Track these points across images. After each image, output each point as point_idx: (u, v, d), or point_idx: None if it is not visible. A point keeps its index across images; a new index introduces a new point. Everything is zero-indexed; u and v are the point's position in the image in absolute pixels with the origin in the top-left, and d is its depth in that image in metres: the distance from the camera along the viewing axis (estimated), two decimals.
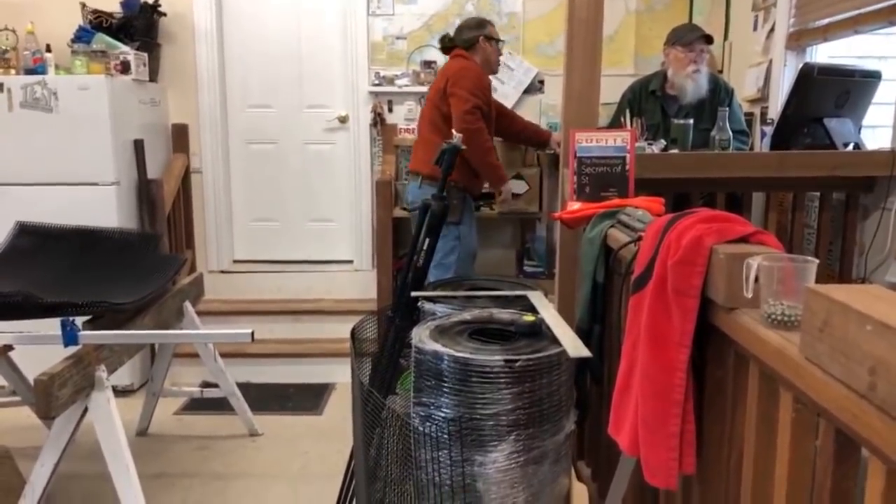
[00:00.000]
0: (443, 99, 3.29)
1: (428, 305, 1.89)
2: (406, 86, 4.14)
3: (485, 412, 1.44)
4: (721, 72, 3.96)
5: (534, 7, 4.10)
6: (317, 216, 4.37)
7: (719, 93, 3.31)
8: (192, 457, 2.98)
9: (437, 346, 1.50)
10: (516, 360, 1.44)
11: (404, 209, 3.79)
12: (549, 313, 1.66)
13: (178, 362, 3.42)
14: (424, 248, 1.99)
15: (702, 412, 1.28)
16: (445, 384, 1.47)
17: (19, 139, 3.42)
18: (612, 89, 3.42)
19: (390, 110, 4.19)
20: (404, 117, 4.18)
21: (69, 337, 2.05)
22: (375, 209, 3.95)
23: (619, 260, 1.75)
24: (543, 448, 1.49)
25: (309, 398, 3.59)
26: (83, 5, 3.88)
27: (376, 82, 4.14)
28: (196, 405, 3.41)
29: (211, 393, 3.12)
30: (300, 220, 4.38)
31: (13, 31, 3.69)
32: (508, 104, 4.00)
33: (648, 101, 3.40)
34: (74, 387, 2.10)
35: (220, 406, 3.32)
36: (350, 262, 4.34)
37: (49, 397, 1.98)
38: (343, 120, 4.25)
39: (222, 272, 4.27)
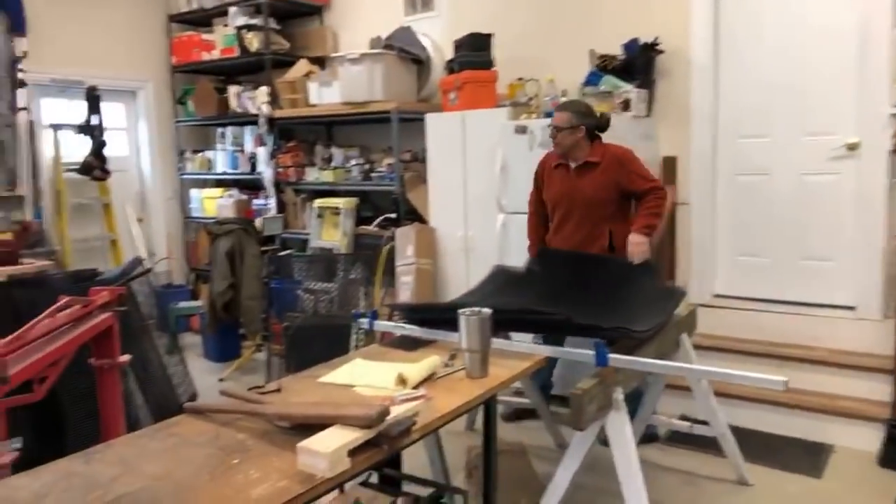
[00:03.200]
0: None
1: None
2: None
3: None
4: None
5: None
6: (811, 254, 3.96)
7: None
8: (681, 492, 2.95)
9: None
10: None
11: None
12: None
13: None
14: None
15: None
16: None
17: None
18: None
19: None
20: None
21: (601, 358, 2.22)
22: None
23: None
24: None
25: (803, 457, 3.24)
26: (592, 51, 4.27)
27: None
28: (678, 438, 3.39)
29: (700, 430, 3.05)
30: (791, 256, 4.02)
31: (536, 81, 4.27)
32: None
33: None
34: (598, 404, 2.26)
35: (705, 444, 3.24)
36: (851, 308, 3.80)
37: (580, 410, 2.17)
38: (852, 147, 3.76)
39: (702, 305, 4.18)
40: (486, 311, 2.11)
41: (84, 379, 2.89)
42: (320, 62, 5.49)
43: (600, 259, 3.13)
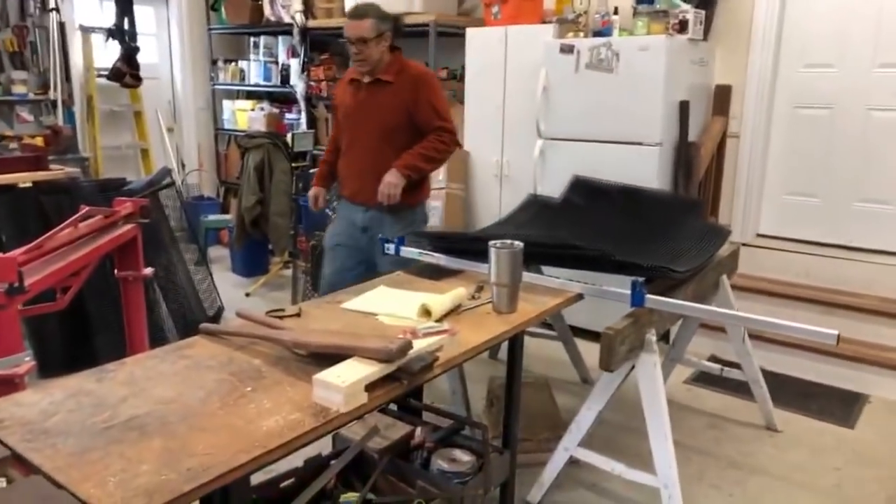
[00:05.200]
0: None
1: None
2: None
3: None
4: None
5: None
6: (869, 196, 3.71)
7: None
8: (704, 434, 2.88)
9: None
10: None
11: None
12: None
13: None
14: None
15: None
16: None
17: (582, 98, 3.70)
18: None
19: None
20: None
21: (637, 298, 2.10)
22: None
23: None
24: None
25: (837, 405, 3.13)
26: None
27: None
28: (706, 379, 3.30)
29: (731, 374, 2.95)
30: (846, 198, 3.79)
31: None
32: None
33: None
34: (630, 345, 2.16)
35: (733, 387, 3.15)
36: None
37: (611, 351, 2.07)
38: None
39: (744, 245, 4.00)
40: (518, 244, 1.99)
41: (112, 289, 2.89)
42: None
43: (642, 192, 2.96)
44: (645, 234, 2.62)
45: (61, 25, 5.03)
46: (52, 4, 4.94)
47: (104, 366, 1.52)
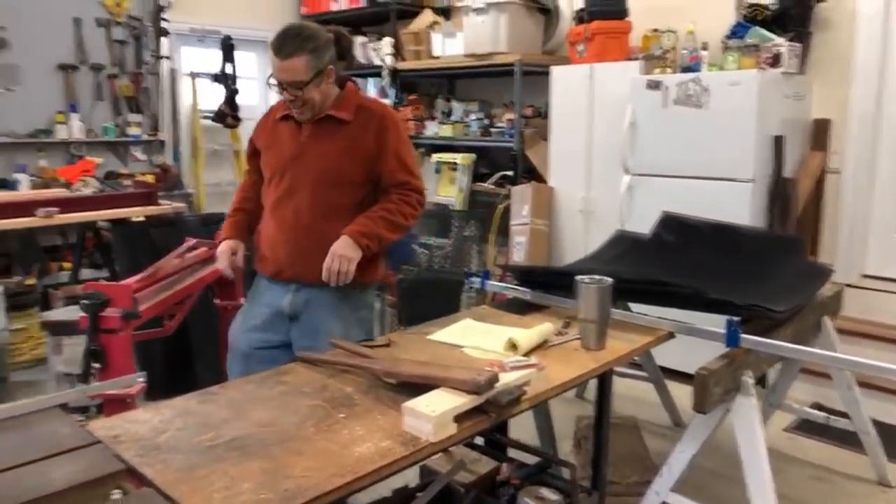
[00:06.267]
0: None
1: None
2: None
3: None
4: None
5: None
6: None
7: None
8: (810, 486, 2.71)
9: None
10: None
11: None
12: None
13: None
14: None
15: None
16: None
17: (670, 134, 3.65)
18: None
19: None
20: None
21: (731, 337, 2.03)
22: None
23: None
24: None
25: None
26: (739, 0, 3.89)
27: None
28: (810, 427, 3.11)
29: (837, 423, 2.78)
30: None
31: (674, 33, 3.95)
32: None
33: None
34: (724, 387, 2.08)
35: (839, 437, 2.96)
36: None
37: (705, 392, 2.00)
38: None
39: (848, 286, 3.78)
40: (608, 279, 1.97)
41: (212, 318, 3.04)
42: (445, 13, 5.37)
43: (737, 229, 2.86)
44: (739, 273, 2.53)
45: (172, 72, 5.43)
46: (164, 52, 5.35)
47: (207, 388, 1.61)
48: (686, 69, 3.75)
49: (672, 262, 2.65)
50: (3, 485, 1.17)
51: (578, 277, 2.00)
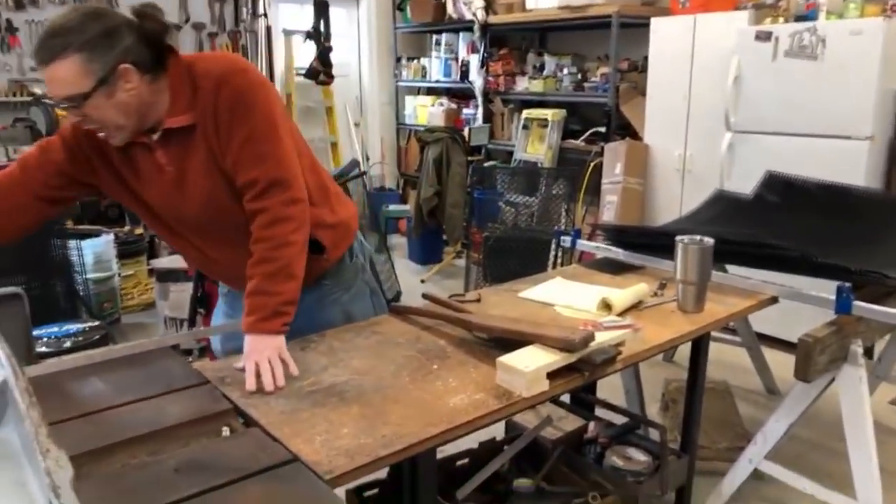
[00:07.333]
0: None
1: None
2: None
3: None
4: None
5: None
6: None
7: None
8: None
9: None
10: None
11: None
12: None
13: None
14: None
15: None
16: None
17: (779, 88, 3.43)
18: None
19: None
20: None
21: (843, 304, 1.91)
22: None
23: None
24: None
25: None
26: None
27: None
28: None
29: None
30: None
31: None
32: None
33: None
34: (831, 356, 1.98)
35: None
36: None
37: (809, 360, 1.91)
38: None
39: None
40: (709, 239, 1.90)
41: None
42: None
43: (850, 190, 2.67)
44: (850, 237, 2.38)
45: (268, 29, 5.55)
46: (261, 11, 5.46)
47: (307, 336, 1.67)
48: (800, 18, 3.49)
49: (775, 224, 2.52)
50: (125, 417, 1.27)
51: (678, 237, 1.93)
